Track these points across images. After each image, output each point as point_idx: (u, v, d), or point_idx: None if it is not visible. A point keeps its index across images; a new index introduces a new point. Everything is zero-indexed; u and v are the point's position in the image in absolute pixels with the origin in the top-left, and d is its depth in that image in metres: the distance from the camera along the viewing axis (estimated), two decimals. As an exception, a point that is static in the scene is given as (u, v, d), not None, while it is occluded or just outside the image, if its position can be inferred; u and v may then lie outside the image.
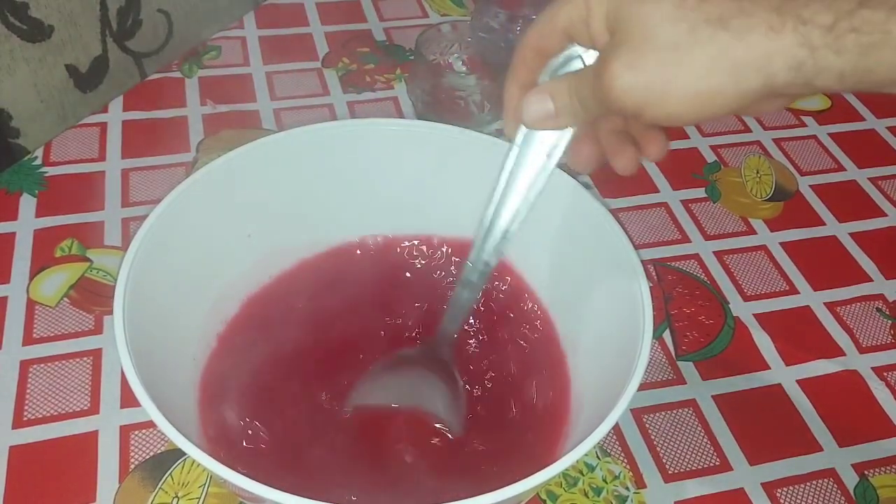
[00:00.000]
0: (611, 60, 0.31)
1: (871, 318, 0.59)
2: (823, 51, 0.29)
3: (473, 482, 0.42)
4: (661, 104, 0.31)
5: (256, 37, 0.79)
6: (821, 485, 0.49)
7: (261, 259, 0.51)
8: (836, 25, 0.28)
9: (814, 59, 0.29)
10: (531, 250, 0.50)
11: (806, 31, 0.29)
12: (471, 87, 0.67)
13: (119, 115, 0.69)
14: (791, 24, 0.29)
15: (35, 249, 0.58)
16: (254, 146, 0.48)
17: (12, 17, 0.66)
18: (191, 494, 0.46)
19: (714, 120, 0.33)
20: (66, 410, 0.49)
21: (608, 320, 0.44)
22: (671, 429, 0.51)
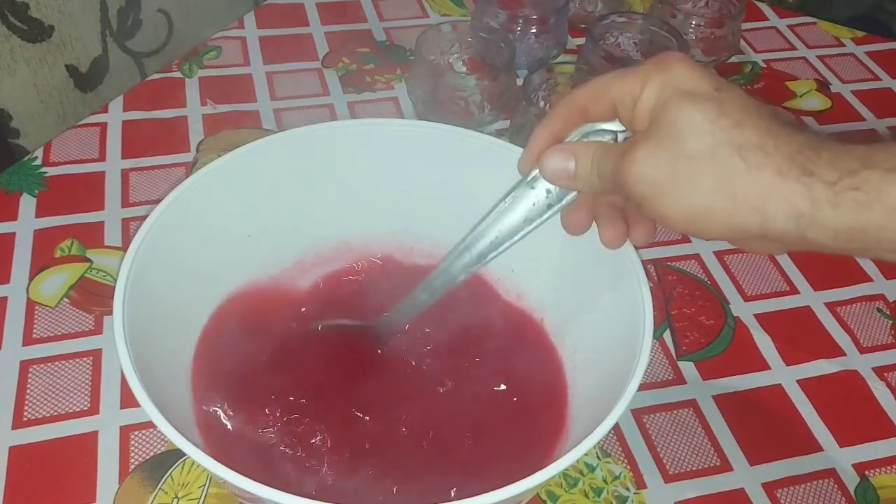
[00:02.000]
0: (637, 147, 0.33)
1: (871, 318, 0.59)
2: (823, 204, 0.30)
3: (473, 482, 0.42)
4: (660, 203, 0.33)
5: (256, 37, 0.79)
6: (821, 485, 0.49)
7: (261, 259, 0.50)
8: (840, 182, 0.30)
9: (812, 211, 0.30)
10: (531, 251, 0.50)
11: (810, 182, 0.30)
12: (471, 87, 0.67)
13: (119, 115, 0.69)
14: (796, 172, 0.30)
15: (35, 249, 0.58)
16: (254, 146, 0.48)
17: (12, 17, 0.66)
18: (191, 495, 0.46)
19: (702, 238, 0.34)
20: (66, 411, 0.49)
21: (608, 320, 0.44)
22: (671, 429, 0.51)
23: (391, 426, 0.45)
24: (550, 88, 0.69)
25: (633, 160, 0.33)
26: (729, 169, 0.31)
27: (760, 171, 0.31)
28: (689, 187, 0.32)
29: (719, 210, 0.32)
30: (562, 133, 0.39)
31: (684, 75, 0.34)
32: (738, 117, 0.32)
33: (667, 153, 0.32)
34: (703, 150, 0.31)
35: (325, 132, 0.50)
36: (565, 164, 0.37)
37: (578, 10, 0.84)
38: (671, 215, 0.33)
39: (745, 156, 0.31)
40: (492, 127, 0.70)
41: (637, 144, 0.33)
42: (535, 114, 0.64)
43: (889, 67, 0.82)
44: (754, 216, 0.31)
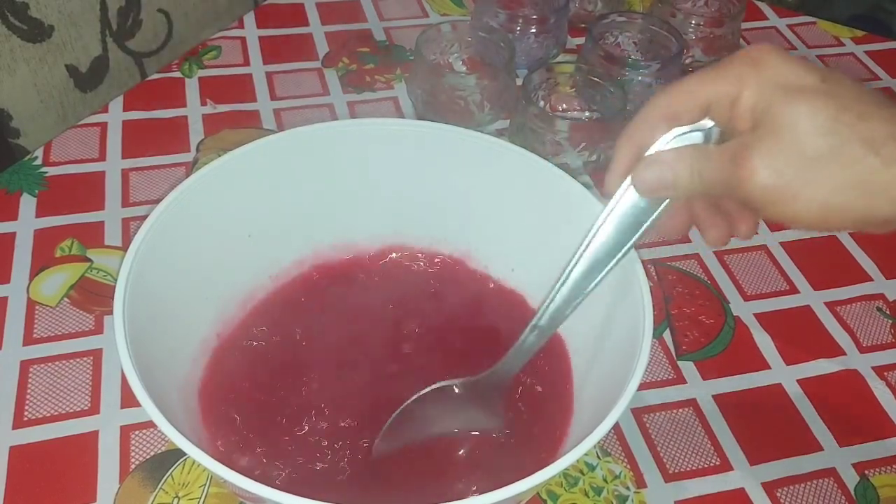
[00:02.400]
0: (752, 154, 0.32)
1: (871, 317, 0.59)
2: None
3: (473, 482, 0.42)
4: (789, 206, 0.32)
5: (256, 37, 0.79)
6: (821, 485, 0.49)
7: (261, 259, 0.51)
8: None
9: None
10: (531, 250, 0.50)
11: None
12: (471, 87, 0.67)
13: (119, 115, 0.69)
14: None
15: (35, 249, 0.58)
16: (254, 146, 0.48)
17: (12, 17, 0.66)
18: (191, 494, 0.46)
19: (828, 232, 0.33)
20: (66, 410, 0.49)
21: (608, 320, 0.44)
22: (671, 429, 0.51)
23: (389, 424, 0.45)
24: (550, 88, 0.69)
25: (751, 169, 0.32)
26: (863, 166, 0.30)
27: None
28: (819, 187, 0.31)
29: (854, 205, 0.31)
30: (647, 142, 0.37)
31: (784, 70, 0.32)
32: (859, 109, 0.31)
33: (789, 157, 0.31)
34: (831, 149, 0.30)
35: (325, 132, 0.50)
36: (662, 174, 0.35)
37: (578, 10, 0.84)
38: (801, 215, 0.32)
39: (879, 150, 0.30)
40: (492, 127, 0.70)
41: (751, 150, 0.32)
42: (535, 113, 0.64)
43: (889, 67, 0.82)
44: (888, 206, 0.30)
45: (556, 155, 0.64)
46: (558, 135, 0.64)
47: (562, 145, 0.64)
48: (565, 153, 0.64)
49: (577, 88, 0.69)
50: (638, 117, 0.37)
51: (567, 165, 0.64)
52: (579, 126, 0.65)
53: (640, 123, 0.37)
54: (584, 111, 0.70)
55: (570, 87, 0.69)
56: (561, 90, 0.69)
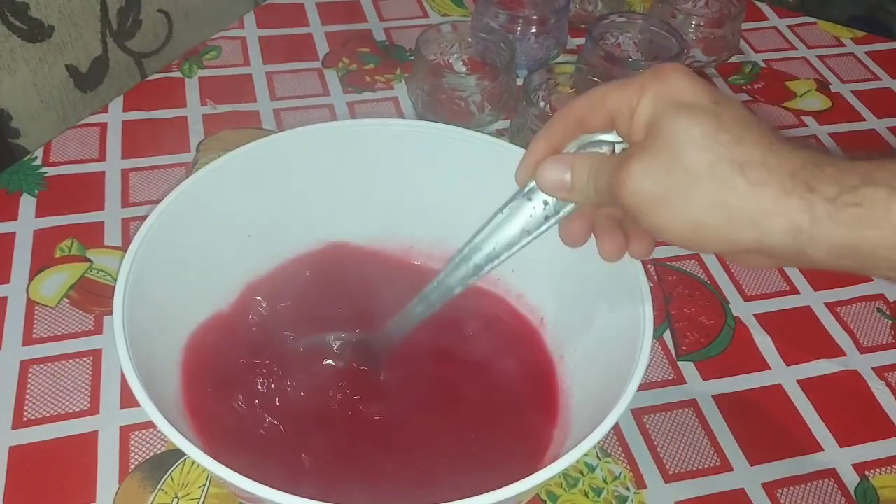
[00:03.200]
0: (632, 159, 0.33)
1: (871, 318, 0.59)
2: (822, 220, 0.30)
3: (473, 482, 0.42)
4: (655, 216, 0.32)
5: (256, 37, 0.79)
6: (821, 485, 0.49)
7: (261, 259, 0.50)
8: (840, 198, 0.29)
9: (812, 228, 0.30)
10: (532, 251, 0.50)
11: (812, 198, 0.30)
12: (471, 87, 0.67)
13: (119, 115, 0.69)
14: (800, 189, 0.30)
15: (35, 249, 0.58)
16: (254, 146, 0.48)
17: (13, 18, 0.66)
18: (191, 495, 0.46)
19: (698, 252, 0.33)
20: (66, 410, 0.49)
21: (608, 320, 0.44)
22: (671, 429, 0.51)
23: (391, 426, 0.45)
24: (550, 89, 0.69)
25: (628, 172, 0.32)
26: (729, 185, 0.31)
27: (762, 188, 0.30)
28: (687, 201, 0.31)
29: (717, 224, 0.31)
30: (560, 144, 0.38)
31: (682, 87, 0.33)
32: (739, 133, 0.31)
33: (663, 166, 0.32)
34: (703, 164, 0.31)
35: (326, 132, 0.50)
36: (562, 175, 0.36)
37: (578, 11, 0.84)
38: (667, 228, 0.32)
39: (747, 173, 0.30)
40: (492, 127, 0.70)
41: (633, 157, 0.33)
42: (535, 114, 0.64)
43: (889, 67, 0.82)
44: (752, 231, 0.31)
45: (556, 155, 0.64)
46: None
47: (562, 145, 0.64)
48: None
49: (578, 89, 0.69)
50: (553, 119, 0.38)
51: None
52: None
53: (554, 125, 0.38)
54: (584, 111, 0.70)
55: (571, 88, 0.69)
56: (561, 91, 0.69)
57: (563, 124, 0.38)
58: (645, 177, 0.32)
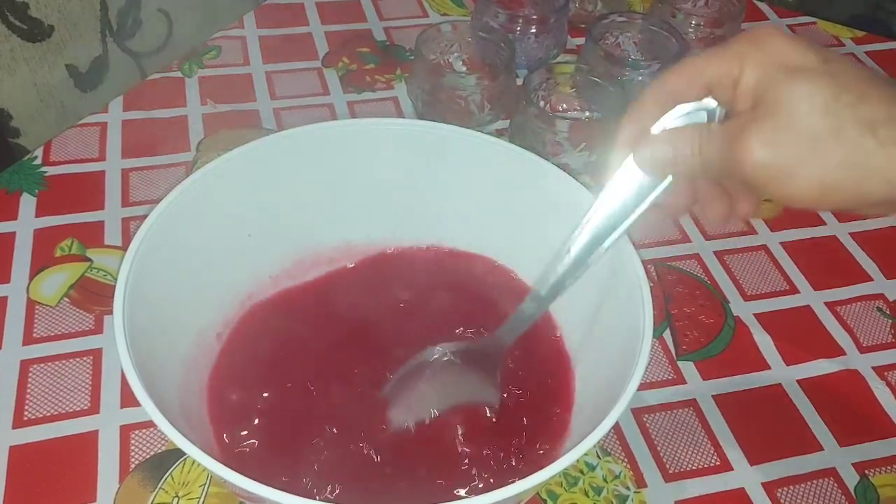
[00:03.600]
0: (750, 133, 0.32)
1: (871, 317, 0.59)
2: None
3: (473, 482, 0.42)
4: (785, 185, 0.32)
5: (256, 36, 0.79)
6: (821, 484, 0.49)
7: (261, 259, 0.51)
8: None
9: None
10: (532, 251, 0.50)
11: None
12: (471, 87, 0.67)
13: (119, 115, 0.69)
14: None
15: (35, 249, 0.58)
16: (254, 146, 0.48)
17: (12, 17, 0.66)
18: (191, 494, 0.46)
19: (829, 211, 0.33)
20: (66, 410, 0.49)
21: (608, 320, 0.44)
22: (671, 429, 0.51)
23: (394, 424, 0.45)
24: (550, 88, 0.69)
25: (748, 148, 0.32)
26: (859, 147, 0.30)
27: (894, 146, 0.30)
28: (816, 167, 0.31)
29: (848, 186, 0.31)
30: (652, 120, 0.37)
31: (785, 50, 0.33)
32: (860, 91, 0.31)
33: (787, 136, 0.31)
34: (828, 129, 0.31)
35: (325, 132, 0.50)
36: (665, 151, 0.36)
37: (578, 10, 0.84)
38: (797, 194, 0.32)
39: (876, 131, 0.30)
40: (492, 127, 0.70)
41: (750, 129, 0.32)
42: (535, 113, 0.64)
43: (889, 67, 0.82)
44: (885, 186, 0.31)
45: (556, 155, 0.64)
46: (558, 135, 0.64)
47: (562, 145, 0.64)
48: (565, 153, 0.64)
49: (577, 88, 0.69)
50: (642, 96, 0.38)
51: (567, 165, 0.64)
52: (579, 126, 0.65)
53: (645, 102, 0.37)
54: (584, 111, 0.70)
55: (570, 87, 0.69)
56: (561, 90, 0.69)
57: (655, 100, 0.37)
58: (768, 149, 0.32)
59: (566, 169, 0.48)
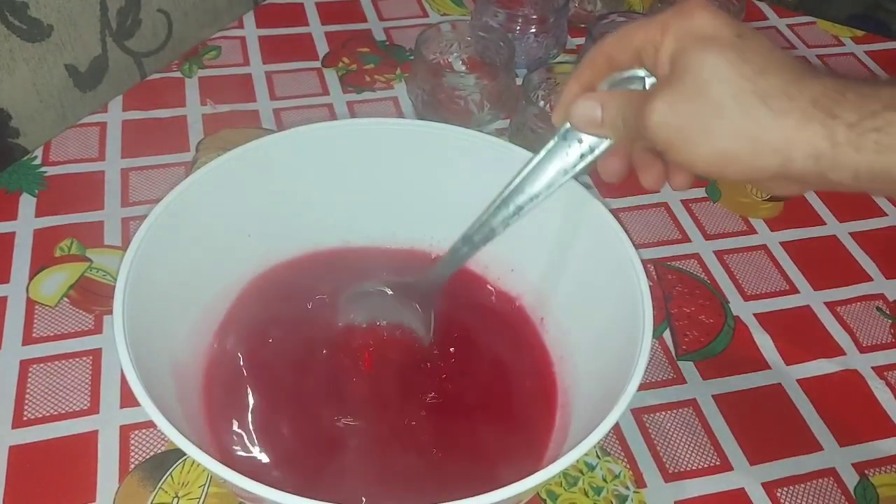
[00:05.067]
0: (658, 94, 0.34)
1: (871, 317, 0.59)
2: (844, 147, 0.30)
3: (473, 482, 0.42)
4: (685, 151, 0.33)
5: (256, 37, 0.79)
6: (821, 484, 0.49)
7: (260, 258, 0.50)
8: (860, 124, 0.30)
9: (833, 153, 0.30)
10: (532, 250, 0.50)
11: (833, 125, 0.30)
12: (471, 87, 0.67)
13: (119, 115, 0.69)
14: (821, 116, 0.31)
15: (35, 249, 0.58)
16: (254, 146, 0.48)
17: (12, 17, 0.66)
18: (191, 494, 0.46)
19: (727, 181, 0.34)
20: (66, 410, 0.49)
21: (608, 320, 0.44)
22: (671, 428, 0.51)
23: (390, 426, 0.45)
24: (550, 88, 0.69)
25: (653, 109, 0.33)
26: (753, 115, 0.31)
27: (784, 117, 0.31)
28: (712, 133, 0.32)
29: (742, 154, 0.32)
30: (591, 83, 0.39)
31: (705, 22, 0.34)
32: (761, 64, 0.32)
33: (688, 101, 0.33)
34: (726, 96, 0.32)
35: (325, 132, 0.50)
36: (593, 112, 0.37)
37: (578, 10, 0.84)
38: (693, 161, 0.33)
39: (769, 102, 0.31)
40: (491, 126, 0.70)
41: (658, 91, 0.34)
42: (535, 113, 0.64)
43: (889, 67, 0.82)
44: (776, 157, 0.31)
45: (556, 155, 0.64)
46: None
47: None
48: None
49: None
50: (584, 59, 0.40)
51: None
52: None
53: (586, 63, 0.40)
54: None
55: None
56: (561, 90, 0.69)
57: (593, 63, 0.39)
58: (670, 112, 0.33)
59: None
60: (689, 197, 0.67)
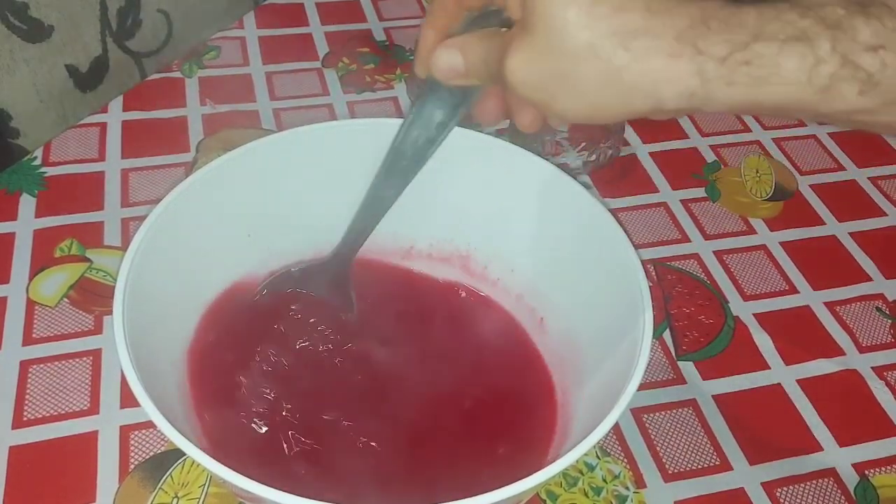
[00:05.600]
0: (514, 50, 0.31)
1: (870, 317, 0.59)
2: (716, 82, 0.28)
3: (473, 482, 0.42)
4: (552, 105, 0.31)
5: (256, 37, 0.79)
6: (821, 485, 0.49)
7: (260, 259, 0.50)
8: (730, 57, 0.28)
9: (705, 90, 0.29)
10: (531, 251, 0.50)
11: (701, 60, 0.28)
12: (470, 87, 0.67)
13: (119, 115, 0.69)
14: (689, 52, 0.28)
15: (35, 249, 0.58)
16: (253, 146, 0.48)
17: (12, 18, 0.66)
18: (191, 494, 0.46)
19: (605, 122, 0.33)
20: (65, 410, 0.49)
21: (608, 320, 0.44)
22: (671, 429, 0.51)
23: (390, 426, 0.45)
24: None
25: (511, 68, 0.31)
26: (614, 62, 0.29)
27: (648, 59, 0.29)
28: (575, 88, 0.30)
29: (612, 101, 0.30)
30: (447, 26, 0.37)
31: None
32: (618, 2, 0.29)
33: (543, 55, 0.30)
34: (583, 45, 0.29)
35: (325, 132, 0.50)
36: (454, 60, 0.35)
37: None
38: (568, 114, 0.31)
39: (629, 44, 0.29)
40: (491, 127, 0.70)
41: (514, 43, 0.31)
42: (535, 113, 0.64)
43: None
44: (647, 100, 0.30)
45: (556, 155, 0.64)
46: (558, 135, 0.64)
47: (562, 145, 0.64)
48: (565, 153, 0.64)
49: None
50: (433, 2, 0.37)
51: (567, 165, 0.64)
52: (579, 126, 0.65)
53: (437, 7, 0.37)
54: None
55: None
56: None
57: (445, 6, 0.37)
58: (527, 68, 0.31)
59: (566, 169, 0.48)
60: (689, 197, 0.67)
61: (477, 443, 0.45)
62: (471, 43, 0.35)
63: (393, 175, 0.41)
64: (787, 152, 0.72)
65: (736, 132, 0.74)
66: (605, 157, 0.66)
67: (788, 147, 0.73)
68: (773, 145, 0.73)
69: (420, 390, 0.47)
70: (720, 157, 0.71)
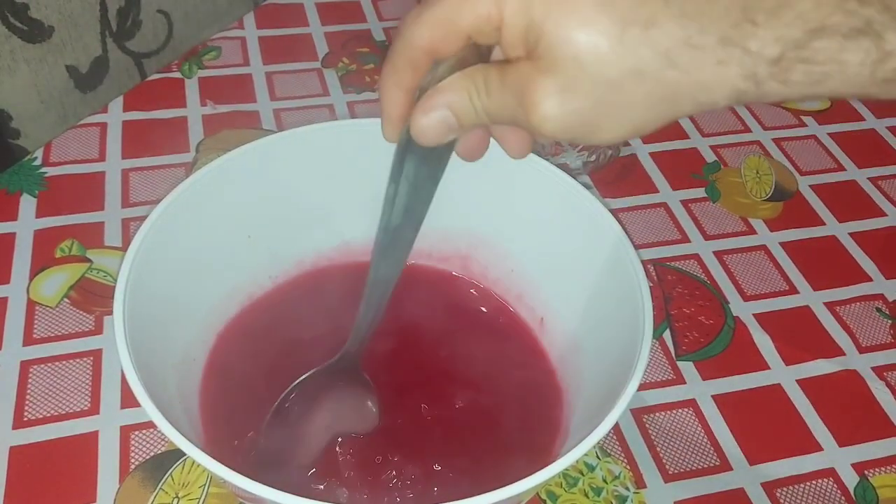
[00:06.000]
0: (542, 95, 0.28)
1: (870, 317, 0.59)
2: (769, 83, 0.27)
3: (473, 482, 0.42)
4: (592, 137, 0.30)
5: (256, 37, 0.79)
6: (821, 485, 0.49)
7: (260, 260, 0.51)
8: (784, 57, 0.26)
9: (757, 91, 0.27)
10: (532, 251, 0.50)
11: (751, 63, 0.27)
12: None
13: (119, 116, 0.69)
14: (737, 56, 0.27)
15: (35, 250, 0.58)
16: (253, 146, 0.48)
17: (13, 18, 0.66)
18: (191, 495, 0.46)
19: None
20: (66, 411, 0.49)
21: (608, 320, 0.44)
22: (671, 429, 0.51)
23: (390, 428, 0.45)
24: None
25: (547, 114, 0.28)
26: (662, 81, 0.27)
27: (696, 71, 0.27)
28: (623, 112, 0.28)
29: (662, 116, 0.29)
30: (414, 82, 0.33)
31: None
32: (644, 16, 0.27)
33: (580, 90, 0.28)
34: (624, 71, 0.27)
35: (325, 132, 0.50)
36: (444, 120, 0.32)
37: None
38: (607, 140, 0.30)
39: (675, 60, 0.27)
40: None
41: (537, 86, 0.28)
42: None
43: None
44: (696, 107, 0.28)
45: (556, 155, 0.64)
46: (558, 135, 0.64)
47: (562, 145, 0.64)
48: (565, 153, 0.64)
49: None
50: (395, 56, 0.33)
51: (567, 166, 0.64)
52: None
53: (400, 64, 0.33)
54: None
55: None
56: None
57: (412, 62, 0.32)
58: (564, 108, 0.28)
59: (566, 169, 0.48)
60: (689, 197, 0.67)
61: (477, 443, 0.45)
62: (458, 91, 0.31)
63: (389, 255, 0.38)
64: (787, 152, 0.72)
65: (736, 132, 0.74)
66: (605, 157, 0.66)
67: (788, 147, 0.73)
68: (774, 146, 0.73)
69: (419, 392, 0.47)
70: (720, 157, 0.71)
